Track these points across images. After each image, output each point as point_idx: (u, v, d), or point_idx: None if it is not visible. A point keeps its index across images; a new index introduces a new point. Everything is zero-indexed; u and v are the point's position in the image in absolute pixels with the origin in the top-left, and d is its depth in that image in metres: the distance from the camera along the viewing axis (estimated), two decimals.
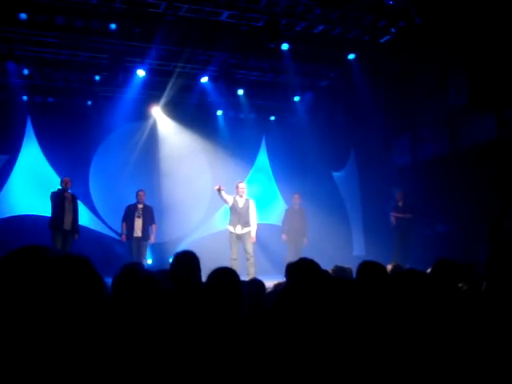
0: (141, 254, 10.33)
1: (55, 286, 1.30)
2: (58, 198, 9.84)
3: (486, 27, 8.52)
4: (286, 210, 11.96)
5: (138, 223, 10.44)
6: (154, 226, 10.68)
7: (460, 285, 4.10)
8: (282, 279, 4.40)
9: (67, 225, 9.77)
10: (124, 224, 10.50)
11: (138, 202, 10.60)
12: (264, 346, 2.16)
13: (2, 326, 1.27)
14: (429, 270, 5.29)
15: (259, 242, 10.49)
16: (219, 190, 9.84)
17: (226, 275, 3.01)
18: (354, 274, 4.23)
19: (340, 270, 4.99)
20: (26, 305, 1.27)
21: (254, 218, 9.99)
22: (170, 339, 2.09)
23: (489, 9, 8.44)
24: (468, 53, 9.04)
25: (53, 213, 9.84)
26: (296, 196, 11.75)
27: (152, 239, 10.64)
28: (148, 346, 1.97)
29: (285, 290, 2.66)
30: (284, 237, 11.45)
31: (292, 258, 9.82)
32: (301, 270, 3.52)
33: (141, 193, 10.65)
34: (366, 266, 3.77)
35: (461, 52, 9.20)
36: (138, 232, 10.39)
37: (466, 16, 8.67)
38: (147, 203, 10.74)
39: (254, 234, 9.94)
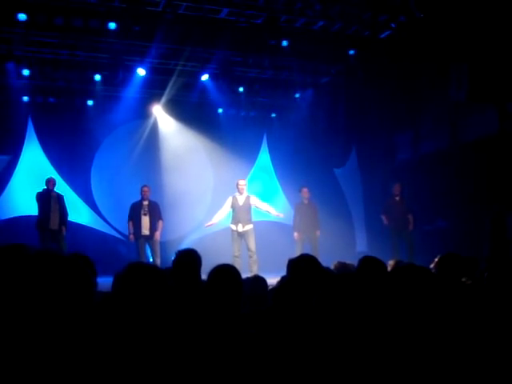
0: (155, 253, 9.96)
1: (34, 282, 1.29)
2: (44, 198, 9.70)
3: (487, 20, 8.49)
4: (296, 205, 11.27)
5: (145, 221, 9.94)
6: (160, 223, 10.14)
7: (464, 279, 4.08)
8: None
9: (54, 224, 9.61)
10: (130, 223, 9.99)
11: (143, 199, 10.08)
12: (265, 343, 2.14)
13: None
14: (432, 266, 5.26)
15: (262, 239, 10.43)
16: (211, 224, 10.05)
17: (225, 272, 2.97)
18: None
19: (342, 266, 4.94)
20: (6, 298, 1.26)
21: (267, 206, 10.20)
22: (170, 337, 2.08)
23: (489, 2, 8.41)
24: (468, 47, 9.01)
25: (39, 213, 9.68)
26: (304, 190, 11.02)
27: (157, 236, 10.03)
28: (146, 344, 1.96)
29: (281, 287, 2.65)
30: (296, 235, 10.80)
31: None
32: (300, 266, 3.49)
33: (145, 188, 10.12)
34: (366, 261, 3.76)
35: (461, 46, 9.16)
36: (145, 230, 9.91)
37: (466, 10, 8.64)
38: (151, 199, 10.25)
39: (276, 213, 10.27)
